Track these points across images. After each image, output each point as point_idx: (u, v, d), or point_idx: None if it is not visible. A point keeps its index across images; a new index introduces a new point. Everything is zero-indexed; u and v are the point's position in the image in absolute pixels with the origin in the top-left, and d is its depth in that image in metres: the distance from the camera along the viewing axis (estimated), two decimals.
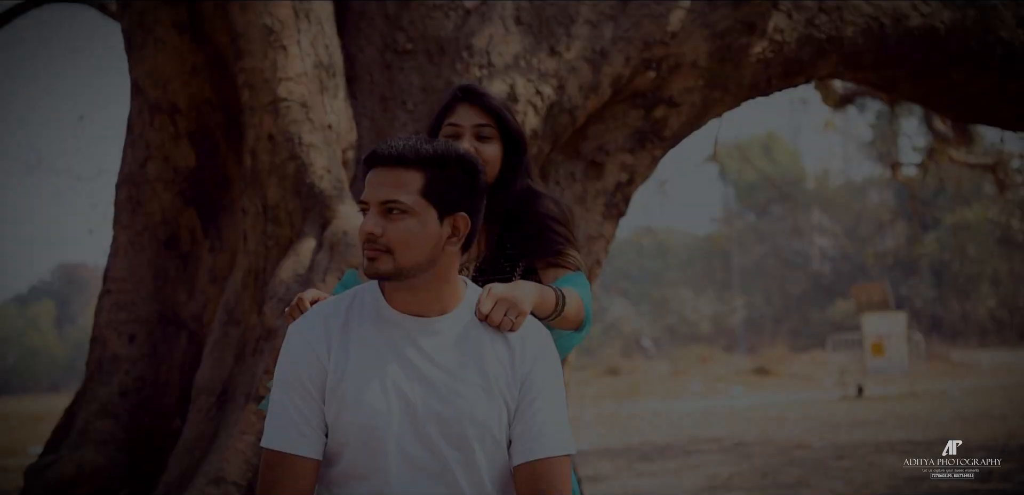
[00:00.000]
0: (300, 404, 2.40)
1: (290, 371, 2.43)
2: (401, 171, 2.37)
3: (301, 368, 2.42)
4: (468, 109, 2.88)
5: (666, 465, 11.53)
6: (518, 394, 2.46)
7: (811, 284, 48.84)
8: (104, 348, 5.75)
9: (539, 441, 2.43)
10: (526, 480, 2.42)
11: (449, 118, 2.90)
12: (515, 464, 2.44)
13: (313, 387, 2.41)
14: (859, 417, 15.88)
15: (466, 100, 2.90)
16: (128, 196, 5.89)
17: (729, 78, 5.74)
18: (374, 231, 2.36)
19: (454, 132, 2.87)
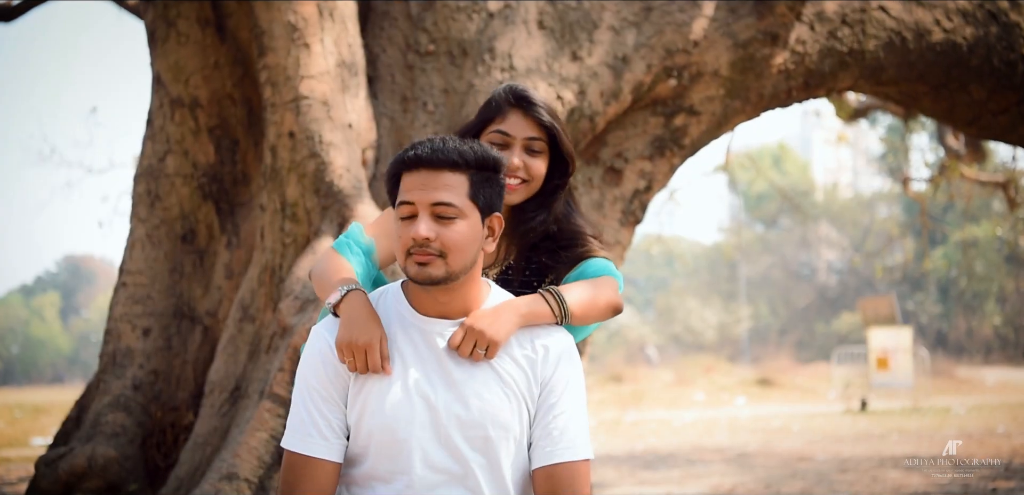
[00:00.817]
0: (322, 407, 2.42)
1: (312, 375, 2.44)
2: (448, 173, 2.36)
3: (323, 372, 2.43)
4: (521, 118, 2.73)
5: (669, 474, 11.51)
6: (538, 397, 2.46)
7: (817, 297, 48.74)
8: (118, 341, 5.75)
9: (559, 445, 2.43)
10: (544, 483, 2.43)
11: (498, 123, 2.75)
12: (534, 467, 2.44)
13: (334, 391, 2.43)
14: (862, 431, 15.84)
15: (519, 108, 2.74)
16: (146, 190, 5.89)
17: (750, 88, 5.72)
18: (429, 235, 2.34)
19: (503, 141, 2.73)
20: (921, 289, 40.20)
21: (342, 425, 2.45)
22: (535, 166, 2.73)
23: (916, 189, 17.41)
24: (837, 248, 49.89)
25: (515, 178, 2.70)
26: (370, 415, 2.41)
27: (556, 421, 2.44)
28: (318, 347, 2.46)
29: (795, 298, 49.48)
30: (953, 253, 33.12)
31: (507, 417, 2.42)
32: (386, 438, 2.41)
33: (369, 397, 2.41)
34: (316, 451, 2.41)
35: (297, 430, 2.43)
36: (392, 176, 2.40)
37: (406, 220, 2.36)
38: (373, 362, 2.38)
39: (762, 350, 44.51)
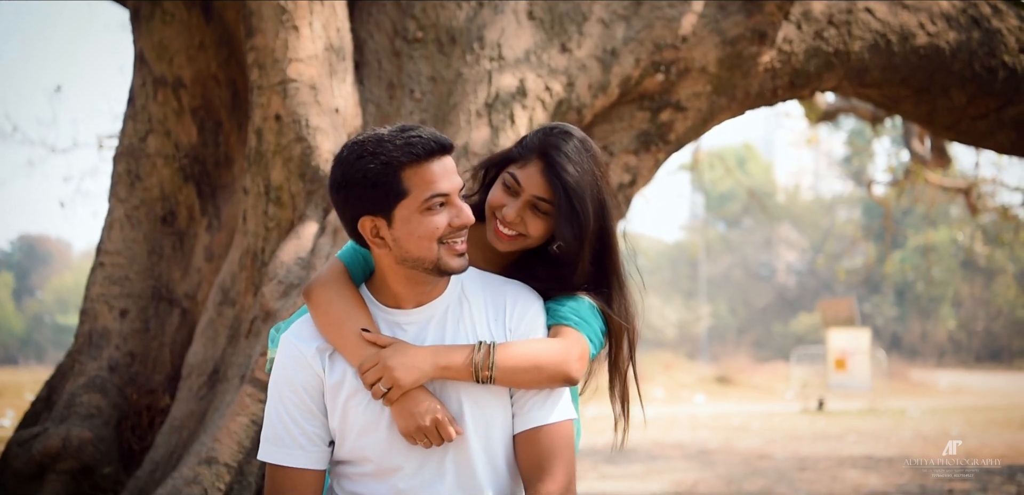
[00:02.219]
0: (297, 417, 2.41)
1: (285, 386, 2.42)
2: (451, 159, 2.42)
3: (297, 380, 2.41)
4: (538, 174, 2.54)
5: (630, 469, 11.56)
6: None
7: (776, 297, 49.23)
8: (95, 321, 5.67)
9: (537, 409, 2.44)
10: (526, 448, 2.43)
11: (518, 166, 2.59)
12: (515, 432, 2.45)
13: (310, 399, 2.41)
14: (820, 430, 16.03)
15: (542, 161, 2.55)
16: (126, 169, 5.81)
17: (736, 86, 5.75)
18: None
19: (511, 187, 2.57)
20: (878, 292, 40.72)
21: (321, 433, 2.43)
22: (535, 225, 2.57)
23: (878, 193, 17.60)
24: (797, 249, 50.42)
25: (509, 229, 2.57)
26: (355, 422, 2.40)
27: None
28: (289, 354, 2.44)
29: (754, 298, 49.93)
30: (911, 257, 33.57)
31: (479, 391, 2.42)
32: (375, 441, 2.41)
33: (350, 404, 2.40)
34: (297, 461, 2.41)
35: (275, 442, 2.42)
36: (397, 167, 2.32)
37: (440, 209, 2.34)
38: (446, 434, 2.35)
39: (720, 348, 44.91)
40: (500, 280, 2.57)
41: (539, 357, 2.42)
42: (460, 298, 2.50)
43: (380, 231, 2.36)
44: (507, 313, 2.50)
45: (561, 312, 2.55)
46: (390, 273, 2.43)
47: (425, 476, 2.41)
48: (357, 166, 2.32)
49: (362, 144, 2.35)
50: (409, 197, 2.32)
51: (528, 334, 2.48)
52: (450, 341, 2.44)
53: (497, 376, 2.37)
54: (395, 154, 2.30)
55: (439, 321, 2.46)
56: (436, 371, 2.36)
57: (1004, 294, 34.59)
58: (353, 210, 2.37)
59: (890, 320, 42.25)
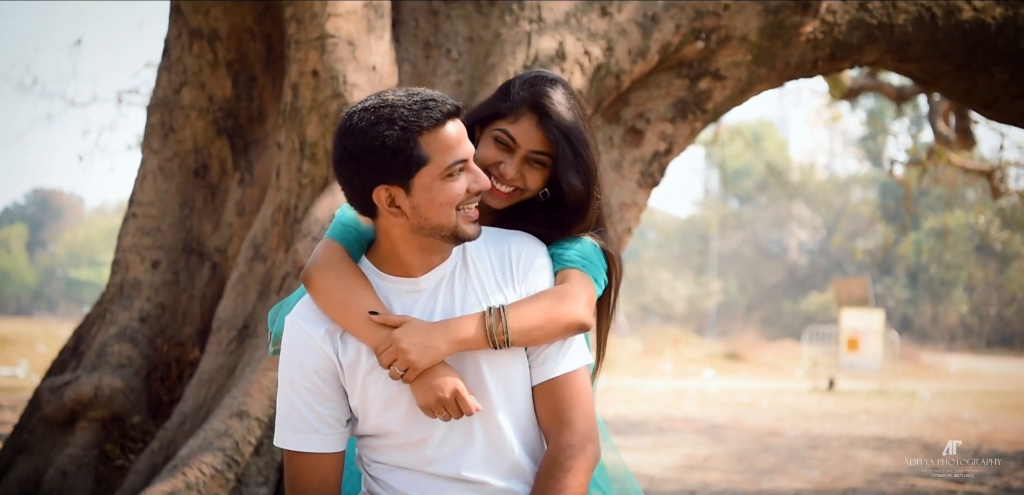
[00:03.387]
0: (310, 401, 2.36)
1: (295, 368, 2.37)
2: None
3: (307, 364, 2.36)
4: (533, 128, 2.50)
5: (641, 441, 11.57)
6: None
7: (786, 275, 49.15)
8: (126, 272, 5.66)
9: (550, 360, 2.41)
10: (544, 399, 2.41)
11: (508, 122, 2.53)
12: (533, 384, 2.42)
13: (322, 382, 2.37)
14: (830, 410, 16.01)
15: (534, 113, 2.50)
16: (160, 121, 5.79)
17: (777, 56, 5.68)
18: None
19: (506, 145, 2.52)
20: (890, 274, 40.61)
21: (338, 414, 2.39)
22: (533, 178, 2.54)
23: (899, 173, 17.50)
24: (809, 228, 50.28)
25: (507, 186, 2.52)
26: (377, 397, 2.37)
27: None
28: (297, 338, 2.38)
29: (765, 275, 49.87)
30: (924, 239, 33.46)
31: (506, 355, 2.39)
32: (398, 414, 2.38)
33: (368, 380, 2.36)
34: (313, 446, 2.37)
35: (288, 426, 2.38)
36: (416, 133, 2.25)
37: (459, 175, 2.30)
38: (466, 406, 2.30)
39: (729, 325, 44.89)
40: (501, 232, 2.51)
41: (551, 311, 2.37)
42: (465, 258, 2.45)
43: (397, 200, 2.28)
44: (513, 265, 2.45)
45: (568, 256, 2.51)
46: (402, 242, 2.36)
47: (454, 443, 2.38)
48: (372, 133, 2.24)
49: (375, 110, 2.26)
50: (430, 164, 2.26)
51: (535, 282, 2.44)
52: (459, 303, 2.39)
53: (513, 338, 2.33)
54: (413, 120, 2.24)
55: (448, 284, 2.42)
56: (451, 347, 2.31)
57: (1018, 279, 34.49)
58: (366, 180, 2.28)
59: (901, 302, 42.17)
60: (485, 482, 2.38)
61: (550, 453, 2.37)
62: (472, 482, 2.38)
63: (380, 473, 2.44)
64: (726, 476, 8.87)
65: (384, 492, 2.43)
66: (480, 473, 2.38)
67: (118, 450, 5.22)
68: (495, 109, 2.56)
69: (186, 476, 4.42)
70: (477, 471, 2.38)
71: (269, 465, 4.57)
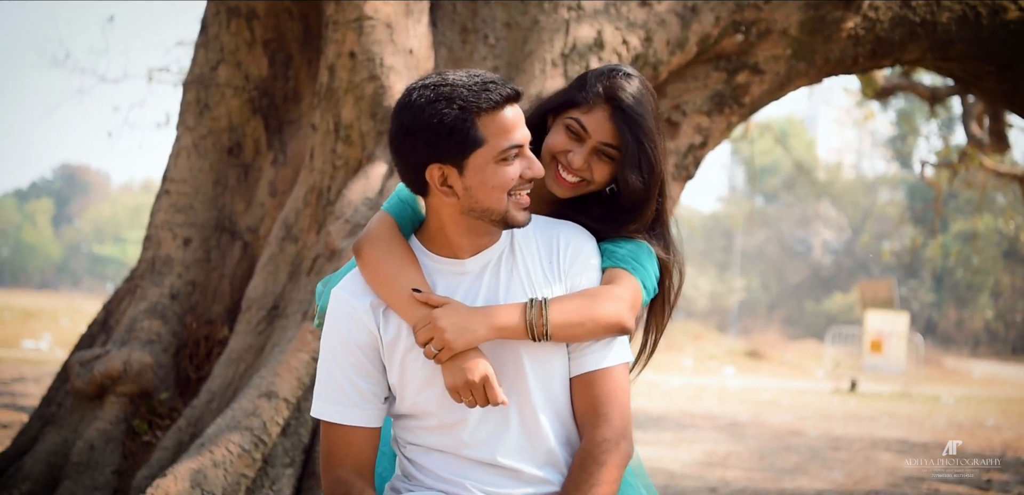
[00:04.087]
0: (352, 376, 2.37)
1: (338, 340, 2.37)
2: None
3: (351, 338, 2.36)
4: (606, 120, 2.48)
5: (661, 436, 11.53)
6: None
7: (810, 275, 48.90)
8: (158, 248, 5.67)
9: (592, 353, 2.39)
10: (581, 392, 2.39)
11: (581, 112, 2.51)
12: (571, 376, 2.40)
13: (364, 357, 2.37)
14: (852, 411, 15.91)
15: (608, 105, 2.49)
16: (196, 98, 5.78)
17: (817, 51, 5.62)
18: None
19: (576, 133, 2.50)
20: (916, 277, 40.33)
21: (377, 390, 2.39)
22: (600, 171, 2.51)
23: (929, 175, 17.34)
24: (835, 228, 49.99)
25: (574, 176, 2.51)
26: (415, 377, 2.36)
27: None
28: (342, 311, 2.38)
29: (788, 274, 49.63)
30: (952, 243, 33.20)
31: (546, 345, 2.37)
32: (436, 395, 2.37)
33: (408, 359, 2.36)
34: (352, 419, 2.37)
35: (327, 398, 2.38)
36: (475, 114, 2.23)
37: (514, 160, 2.29)
38: (492, 396, 2.29)
39: (751, 322, 44.71)
40: (551, 222, 2.50)
41: (593, 309, 2.35)
42: (512, 244, 2.44)
43: (449, 180, 2.27)
44: (560, 255, 2.43)
45: (619, 254, 2.48)
46: (451, 223, 2.35)
47: (489, 428, 2.37)
48: (430, 111, 2.22)
49: (434, 88, 2.24)
50: (486, 146, 2.24)
51: (581, 276, 2.42)
52: (504, 289, 2.38)
53: (552, 332, 2.31)
54: (472, 100, 2.22)
55: (493, 269, 2.40)
56: (490, 333, 2.29)
57: None
58: (421, 157, 2.26)
59: (926, 305, 41.85)
60: (519, 470, 2.36)
61: (585, 446, 2.35)
62: (507, 469, 2.37)
63: (415, 455, 2.43)
64: (746, 474, 8.82)
65: (419, 474, 2.42)
66: (515, 460, 2.36)
67: (145, 426, 5.23)
68: (570, 98, 2.54)
69: (213, 454, 4.42)
70: (512, 458, 2.36)
71: (296, 446, 4.57)
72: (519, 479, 2.37)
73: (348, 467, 2.36)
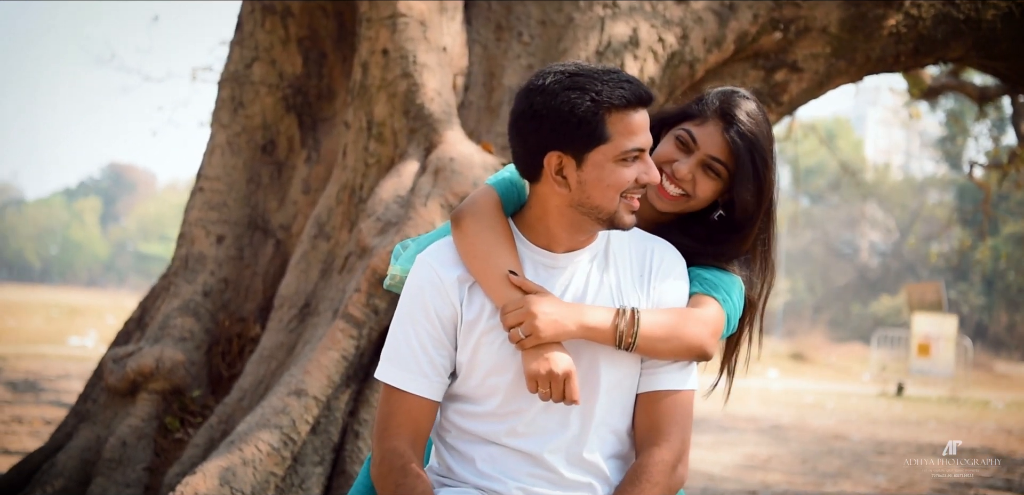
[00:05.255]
0: (426, 345, 2.35)
1: (419, 310, 2.36)
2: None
3: (432, 307, 2.35)
4: (716, 132, 2.48)
5: (701, 438, 11.46)
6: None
7: (857, 277, 48.37)
8: (191, 245, 5.68)
9: (667, 373, 2.37)
10: (645, 409, 2.38)
11: (694, 124, 2.52)
12: (638, 391, 2.39)
13: (442, 330, 2.36)
14: (898, 415, 15.69)
15: (721, 119, 2.49)
16: (230, 95, 5.79)
17: (857, 49, 5.51)
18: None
19: (685, 143, 2.50)
20: (965, 279, 39.69)
21: (446, 364, 2.37)
22: (703, 186, 2.49)
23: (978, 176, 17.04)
24: (882, 230, 49.40)
25: (676, 188, 2.50)
26: (486, 360, 2.34)
27: None
28: (427, 278, 2.37)
29: (834, 276, 49.12)
30: (1002, 245, 32.63)
31: (625, 357, 2.35)
32: (503, 381, 2.35)
33: (483, 341, 2.34)
34: (419, 389, 2.35)
35: (397, 363, 2.36)
36: (607, 109, 2.21)
37: (633, 162, 2.27)
38: (570, 393, 2.26)
39: (796, 325, 44.31)
40: (647, 236, 2.48)
41: (680, 328, 2.34)
42: (606, 248, 2.42)
43: (565, 170, 2.26)
44: (652, 271, 2.42)
45: (712, 281, 2.47)
46: (556, 214, 2.33)
47: (547, 423, 2.34)
48: (563, 97, 2.19)
49: (571, 76, 2.22)
50: (609, 143, 2.22)
51: (668, 295, 2.41)
52: (593, 292, 2.37)
53: (639, 344, 2.30)
54: (606, 95, 2.20)
55: (584, 269, 2.39)
56: (579, 331, 2.27)
57: None
58: (543, 141, 2.24)
59: (976, 309, 41.16)
60: (560, 472, 2.34)
61: (641, 461, 2.33)
62: (548, 468, 2.34)
63: (458, 442, 2.41)
64: (788, 478, 8.73)
65: (457, 466, 2.40)
66: (559, 461, 2.34)
67: (177, 423, 5.23)
68: (685, 110, 2.56)
69: (242, 452, 4.41)
70: (557, 458, 2.34)
71: (325, 444, 4.55)
72: (559, 483, 2.35)
73: (405, 438, 2.34)
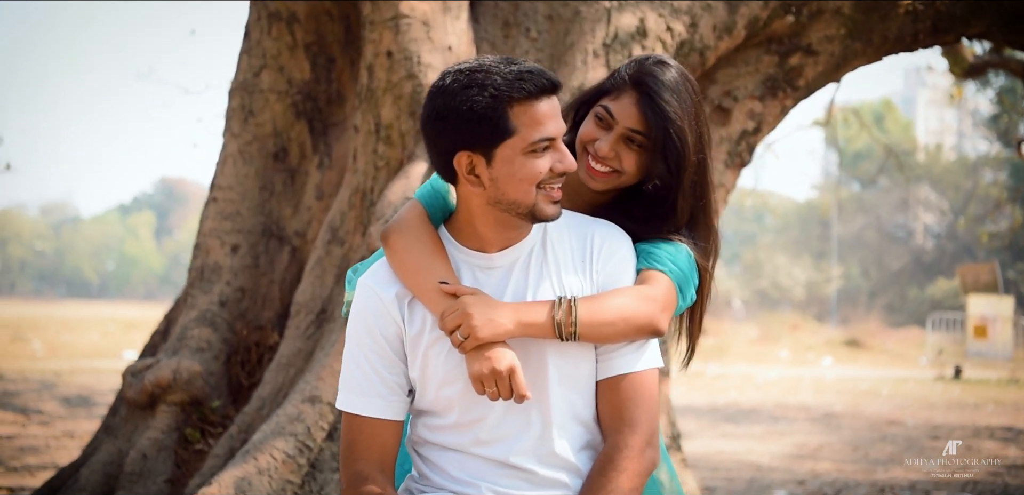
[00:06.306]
0: (377, 365, 2.32)
1: (363, 330, 2.34)
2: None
3: (376, 328, 2.32)
4: (632, 105, 2.40)
5: (752, 429, 11.33)
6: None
7: (912, 260, 47.63)
8: (207, 256, 5.70)
9: (622, 357, 2.32)
10: (606, 396, 2.33)
11: (611, 99, 2.45)
12: (598, 379, 2.34)
13: (389, 347, 2.33)
14: (956, 399, 15.40)
15: (636, 91, 2.41)
16: (240, 104, 5.80)
17: (873, 30, 5.38)
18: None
19: (604, 120, 2.43)
20: (1022, 258, 38.86)
21: (401, 381, 2.34)
22: (629, 160, 2.42)
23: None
24: (936, 212, 48.58)
25: (602, 166, 2.43)
26: (436, 372, 2.31)
27: None
28: (367, 300, 2.34)
29: (889, 260, 48.42)
30: None
31: (574, 347, 2.30)
32: (457, 391, 2.31)
33: (430, 353, 2.30)
34: (376, 411, 2.32)
35: (352, 389, 2.33)
36: (507, 103, 2.18)
37: (544, 152, 2.22)
38: (518, 388, 2.22)
39: (851, 311, 43.71)
40: (586, 219, 2.43)
41: (625, 310, 2.27)
42: (544, 240, 2.37)
43: (477, 169, 2.22)
44: (593, 255, 2.36)
45: (656, 255, 2.40)
46: (479, 214, 2.30)
47: (508, 428, 2.31)
48: (462, 97, 2.17)
49: (468, 74, 2.19)
50: (516, 136, 2.19)
51: (615, 277, 2.35)
52: (533, 287, 2.32)
53: (581, 333, 2.24)
54: (504, 88, 2.16)
55: (523, 265, 2.34)
56: (518, 328, 2.22)
57: None
58: (450, 143, 2.22)
59: None
60: (534, 471, 2.31)
61: (606, 451, 2.29)
62: (519, 469, 2.31)
63: (430, 453, 2.39)
64: (838, 466, 8.59)
65: (433, 474, 2.38)
66: (529, 462, 2.31)
67: (198, 434, 5.25)
68: (601, 86, 2.50)
69: (258, 462, 4.42)
70: (527, 459, 2.31)
71: None
72: (533, 481, 2.31)
73: (370, 461, 2.32)
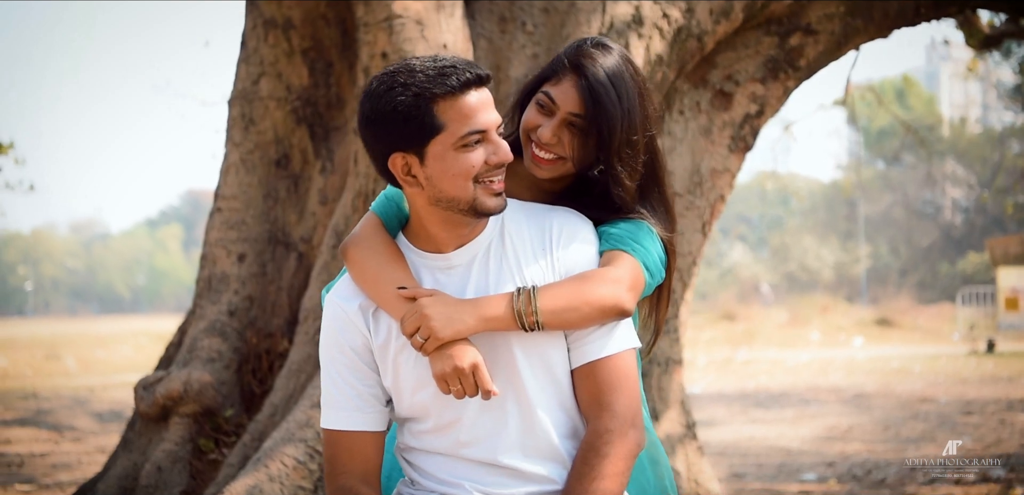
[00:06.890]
0: (350, 378, 2.32)
1: (333, 345, 2.34)
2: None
3: (344, 341, 2.32)
4: (572, 88, 2.37)
5: (782, 413, 11.27)
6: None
7: (941, 236, 47.23)
8: (214, 266, 5.71)
9: (591, 342, 2.30)
10: (582, 383, 2.31)
11: (551, 84, 2.41)
12: (573, 367, 2.32)
13: (359, 358, 2.32)
14: (989, 373, 15.27)
15: (574, 74, 2.38)
16: (240, 113, 5.80)
17: (874, 6, 5.32)
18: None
19: (548, 107, 2.39)
20: None
21: (377, 392, 2.34)
22: (572, 144, 2.38)
23: None
24: (963, 186, 48.11)
25: (547, 152, 2.39)
26: (408, 378, 2.30)
27: None
28: (333, 315, 2.34)
29: (917, 237, 48.03)
30: None
31: (541, 337, 2.28)
32: (430, 395, 2.30)
33: (399, 360, 2.30)
34: (355, 424, 2.32)
35: (330, 405, 2.33)
36: (430, 100, 2.17)
37: (476, 146, 2.21)
38: (483, 383, 2.20)
39: (881, 290, 43.38)
40: (544, 208, 2.40)
41: (587, 293, 2.24)
42: (502, 233, 2.35)
43: (412, 169, 2.22)
44: (553, 241, 2.33)
45: (615, 234, 2.37)
46: (426, 215, 2.29)
47: (486, 426, 2.30)
48: (387, 99, 2.18)
49: (393, 75, 2.20)
50: (444, 132, 2.18)
51: (576, 261, 2.32)
52: (494, 281, 2.30)
53: (544, 321, 2.22)
54: (428, 86, 2.16)
55: (482, 261, 2.33)
56: (479, 323, 2.21)
57: None
58: (383, 147, 2.23)
59: None
60: (520, 468, 2.29)
61: (587, 438, 2.27)
62: (507, 468, 2.29)
63: (417, 459, 2.38)
64: (868, 447, 8.53)
65: (422, 480, 2.37)
66: (516, 459, 2.29)
67: (212, 444, 5.27)
68: (542, 73, 2.47)
69: (269, 469, 4.43)
70: (513, 457, 2.29)
71: None
72: (520, 477, 2.29)
73: (354, 474, 2.31)
